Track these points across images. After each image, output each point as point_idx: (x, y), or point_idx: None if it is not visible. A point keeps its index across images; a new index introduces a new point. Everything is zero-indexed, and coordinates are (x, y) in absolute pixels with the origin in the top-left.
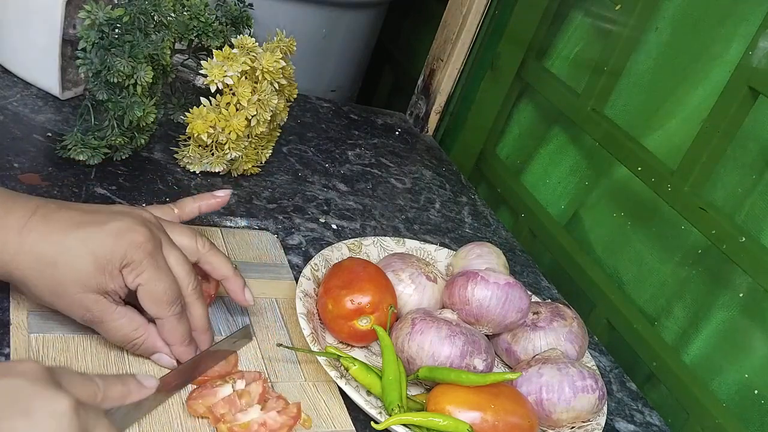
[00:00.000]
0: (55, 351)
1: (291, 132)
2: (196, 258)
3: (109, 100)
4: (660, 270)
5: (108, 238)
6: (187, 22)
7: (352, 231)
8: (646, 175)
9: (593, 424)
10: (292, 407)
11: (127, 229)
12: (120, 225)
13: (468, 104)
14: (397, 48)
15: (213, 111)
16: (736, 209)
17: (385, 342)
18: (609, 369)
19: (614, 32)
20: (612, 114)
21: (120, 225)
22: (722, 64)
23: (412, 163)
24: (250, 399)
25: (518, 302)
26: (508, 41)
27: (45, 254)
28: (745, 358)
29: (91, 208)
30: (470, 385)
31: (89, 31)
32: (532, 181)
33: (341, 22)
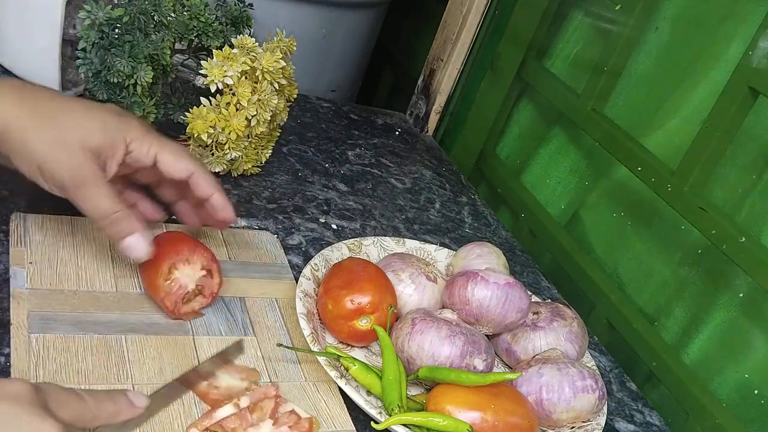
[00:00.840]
0: (56, 351)
1: (291, 132)
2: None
3: (109, 100)
4: (660, 270)
5: (112, 111)
6: (187, 22)
7: (352, 231)
8: (646, 175)
9: (593, 424)
10: (304, 422)
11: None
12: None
13: (468, 104)
14: (397, 48)
15: (213, 111)
16: (736, 209)
17: (385, 342)
18: (609, 369)
19: (614, 32)
20: (612, 114)
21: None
22: (722, 64)
23: (412, 163)
24: (262, 414)
25: (518, 302)
26: (508, 41)
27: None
28: (745, 358)
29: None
30: (470, 385)
31: (89, 31)
32: (532, 181)
33: (341, 22)
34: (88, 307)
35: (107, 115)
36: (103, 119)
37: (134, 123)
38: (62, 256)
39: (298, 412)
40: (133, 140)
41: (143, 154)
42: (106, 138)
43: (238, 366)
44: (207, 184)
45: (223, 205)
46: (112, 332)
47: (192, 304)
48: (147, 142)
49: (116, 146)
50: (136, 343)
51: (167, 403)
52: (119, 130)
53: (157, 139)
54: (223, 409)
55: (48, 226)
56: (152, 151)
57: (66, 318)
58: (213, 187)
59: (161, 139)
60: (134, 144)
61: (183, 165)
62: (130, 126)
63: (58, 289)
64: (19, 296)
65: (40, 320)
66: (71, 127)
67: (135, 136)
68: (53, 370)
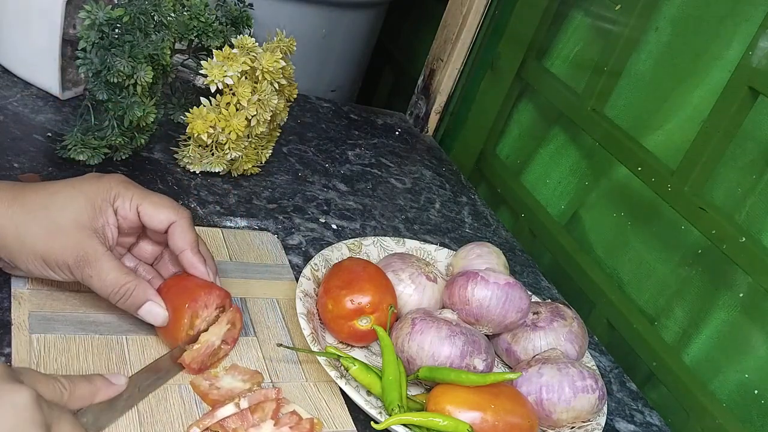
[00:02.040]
0: (57, 351)
1: (291, 132)
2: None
3: (109, 100)
4: (660, 270)
5: (91, 180)
6: (187, 22)
7: (352, 231)
8: (646, 175)
9: (593, 424)
10: (305, 423)
11: (105, 175)
12: (97, 173)
13: (468, 104)
14: (397, 48)
15: (213, 111)
16: (736, 209)
17: (385, 342)
18: (609, 369)
19: (614, 32)
20: (612, 114)
21: (97, 173)
22: (722, 64)
23: (412, 163)
24: (264, 414)
25: (518, 302)
26: (508, 41)
27: (35, 202)
28: (745, 358)
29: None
30: (470, 385)
31: (89, 31)
32: (532, 181)
33: (341, 22)
34: (89, 307)
35: (87, 185)
36: (85, 192)
37: (114, 181)
38: None
39: (300, 412)
40: (115, 198)
41: (126, 208)
42: (94, 208)
43: (241, 368)
44: (181, 238)
45: (191, 265)
46: (112, 333)
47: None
48: (128, 196)
49: (105, 212)
50: (136, 344)
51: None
52: (102, 196)
53: (139, 192)
54: (224, 409)
55: None
56: (134, 203)
57: (67, 318)
58: (187, 242)
59: (143, 191)
60: (117, 201)
61: (163, 215)
62: (111, 186)
63: (59, 290)
64: (20, 297)
65: (41, 321)
66: (60, 210)
67: (116, 194)
68: (54, 370)
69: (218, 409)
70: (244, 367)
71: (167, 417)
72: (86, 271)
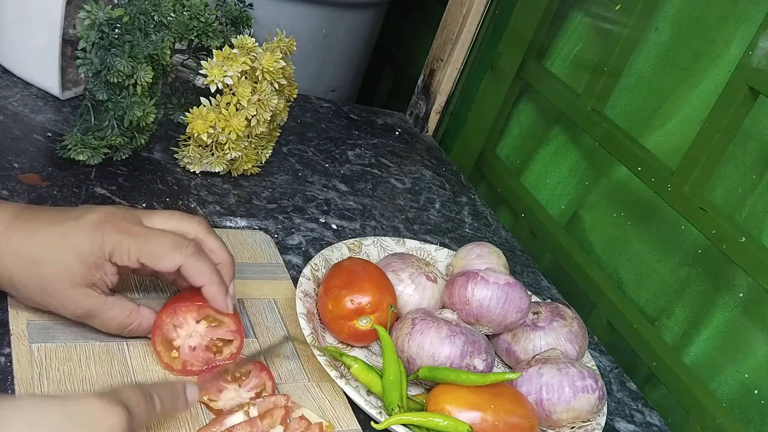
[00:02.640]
0: (58, 360)
1: (291, 132)
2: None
3: (109, 100)
4: (660, 270)
5: (84, 231)
6: (187, 22)
7: (352, 231)
8: (646, 175)
9: (593, 424)
10: (314, 428)
11: (101, 220)
12: (93, 217)
13: (468, 104)
14: (397, 48)
15: (213, 111)
16: (737, 209)
17: (386, 341)
18: (609, 369)
19: (614, 32)
20: (612, 114)
21: (93, 217)
22: (722, 64)
23: (412, 163)
24: (272, 420)
25: (518, 302)
26: (508, 41)
27: (30, 253)
28: (745, 358)
29: (70, 208)
30: (470, 385)
31: (89, 31)
32: (532, 181)
33: (341, 22)
34: None
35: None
36: (77, 251)
37: (107, 235)
38: None
39: (309, 417)
40: (111, 254)
41: (126, 261)
42: (88, 265)
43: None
44: (195, 275)
45: (212, 297)
46: (113, 339)
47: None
48: (125, 248)
49: (102, 266)
50: (138, 349)
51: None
52: (96, 254)
53: (135, 241)
54: (233, 417)
55: None
56: (132, 256)
57: (66, 326)
58: (203, 278)
59: (141, 236)
60: (115, 257)
61: (167, 263)
62: (104, 243)
63: None
64: (17, 305)
65: (39, 330)
66: (53, 268)
67: (112, 249)
68: (57, 379)
69: (227, 417)
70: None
71: (174, 424)
72: (89, 322)
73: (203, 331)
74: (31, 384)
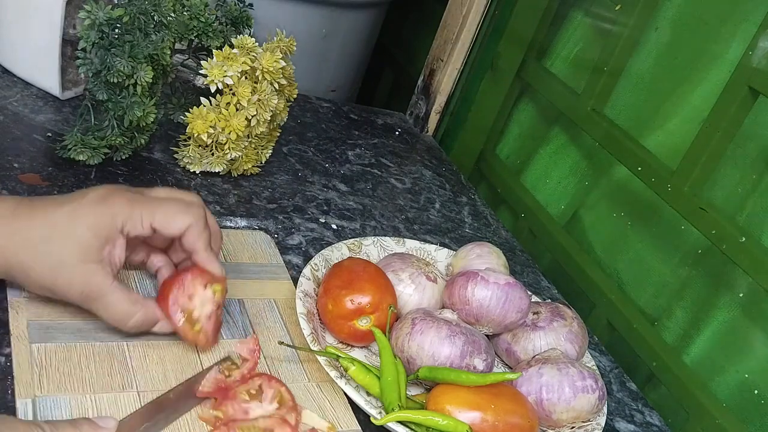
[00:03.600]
0: (58, 360)
1: (291, 132)
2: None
3: (109, 100)
4: (660, 270)
5: (93, 206)
6: (187, 22)
7: (352, 231)
8: (646, 175)
9: (593, 424)
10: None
11: (107, 195)
12: (99, 192)
13: (468, 104)
14: (397, 48)
15: (213, 111)
16: (737, 209)
17: (383, 343)
18: (609, 369)
19: (614, 32)
20: (612, 114)
21: (99, 192)
22: (722, 64)
23: (412, 163)
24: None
25: (518, 302)
26: (508, 41)
27: (36, 234)
28: (745, 359)
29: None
30: (470, 385)
31: (89, 31)
32: (532, 181)
33: (341, 22)
34: (88, 314)
35: (90, 217)
36: (88, 225)
37: (116, 206)
38: None
39: (312, 419)
40: (124, 225)
41: (139, 228)
42: (101, 238)
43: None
44: (196, 238)
45: (207, 261)
46: (113, 339)
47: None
48: (137, 215)
49: (114, 239)
50: (138, 350)
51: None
52: (109, 223)
53: (147, 206)
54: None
55: None
56: (146, 222)
57: (66, 326)
58: (201, 242)
59: (149, 203)
60: (128, 225)
61: (178, 223)
62: (115, 213)
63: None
64: (17, 306)
65: (39, 329)
66: (62, 244)
67: (125, 218)
68: (57, 379)
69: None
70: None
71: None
72: (93, 305)
73: (212, 297)
74: (31, 384)
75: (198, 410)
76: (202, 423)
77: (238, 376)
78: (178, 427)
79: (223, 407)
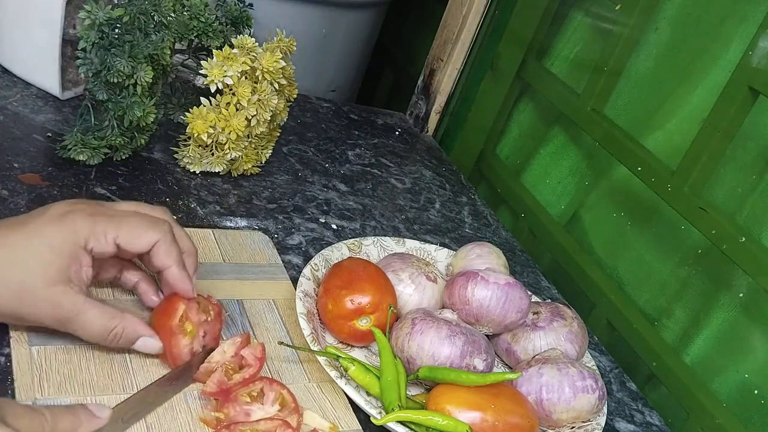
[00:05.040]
0: (58, 363)
1: (291, 132)
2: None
3: (109, 100)
4: (660, 270)
5: (53, 224)
6: (187, 22)
7: (352, 231)
8: (646, 175)
9: (593, 424)
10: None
11: (67, 210)
12: (58, 208)
13: (468, 104)
14: (397, 48)
15: (213, 111)
16: (737, 209)
17: (383, 344)
18: (609, 369)
19: (614, 32)
20: (612, 114)
21: (58, 208)
22: (722, 64)
23: (412, 163)
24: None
25: (518, 302)
26: (508, 41)
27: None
28: (745, 358)
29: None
30: (470, 385)
31: (89, 31)
32: (532, 181)
33: (341, 22)
34: None
35: (50, 234)
36: (49, 243)
37: (78, 222)
38: None
39: (314, 419)
40: (88, 240)
41: (102, 245)
42: (64, 257)
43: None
44: (165, 255)
45: (178, 279)
46: None
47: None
48: (101, 231)
49: (79, 258)
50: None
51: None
52: (70, 242)
53: (111, 221)
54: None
55: None
56: (109, 238)
57: None
58: (171, 258)
59: (113, 217)
60: (91, 242)
61: (144, 240)
62: (76, 229)
63: None
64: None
65: (39, 332)
66: (24, 268)
67: (86, 234)
68: (57, 382)
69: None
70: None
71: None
72: (69, 327)
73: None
74: (31, 387)
75: (199, 412)
76: (203, 425)
77: (239, 379)
78: (178, 429)
79: (225, 409)
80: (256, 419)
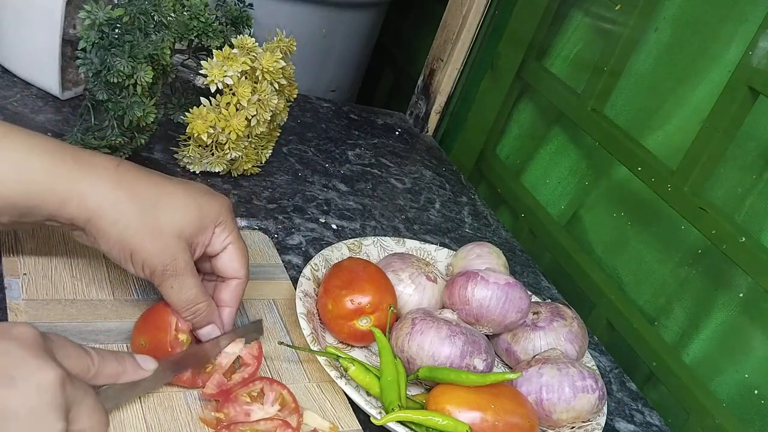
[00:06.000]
0: None
1: (291, 132)
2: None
3: (109, 100)
4: (660, 270)
5: (206, 194)
6: (187, 22)
7: (352, 231)
8: (646, 175)
9: (593, 424)
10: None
11: (217, 194)
12: (207, 187)
13: (468, 104)
14: (397, 48)
15: (213, 111)
16: (736, 209)
17: (383, 344)
18: (609, 369)
19: (614, 32)
20: (612, 114)
21: (207, 187)
22: (722, 64)
23: (412, 163)
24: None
25: (518, 302)
26: (508, 41)
27: (146, 193)
28: (745, 358)
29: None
30: (470, 385)
31: (89, 31)
32: (532, 181)
33: (341, 22)
34: (87, 316)
35: (203, 198)
36: (201, 206)
37: (225, 206)
38: (56, 264)
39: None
40: (218, 225)
41: (221, 238)
42: (201, 224)
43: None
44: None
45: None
46: (112, 341)
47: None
48: (228, 229)
49: (207, 232)
50: None
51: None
52: (213, 216)
53: (236, 230)
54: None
55: (39, 234)
56: (227, 239)
57: (66, 329)
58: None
59: (238, 230)
60: (218, 228)
61: (237, 265)
62: (221, 211)
63: (54, 299)
64: (16, 308)
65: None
66: (171, 215)
67: (222, 221)
68: None
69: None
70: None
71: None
72: (169, 281)
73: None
74: None
75: (199, 412)
76: (203, 425)
77: (238, 379)
78: (178, 429)
79: (225, 409)
80: (256, 419)
